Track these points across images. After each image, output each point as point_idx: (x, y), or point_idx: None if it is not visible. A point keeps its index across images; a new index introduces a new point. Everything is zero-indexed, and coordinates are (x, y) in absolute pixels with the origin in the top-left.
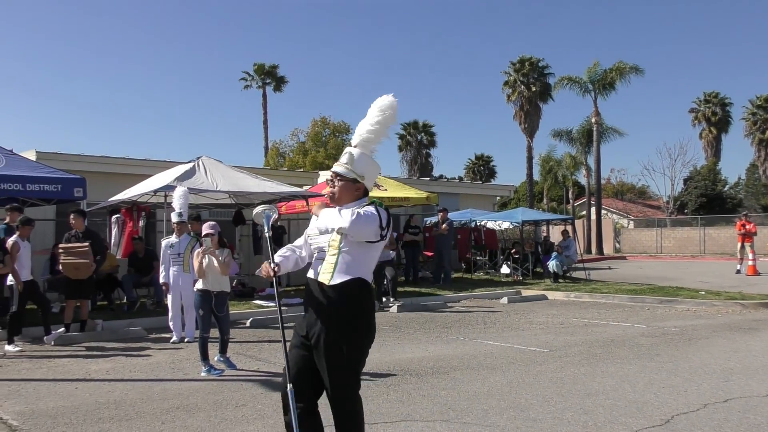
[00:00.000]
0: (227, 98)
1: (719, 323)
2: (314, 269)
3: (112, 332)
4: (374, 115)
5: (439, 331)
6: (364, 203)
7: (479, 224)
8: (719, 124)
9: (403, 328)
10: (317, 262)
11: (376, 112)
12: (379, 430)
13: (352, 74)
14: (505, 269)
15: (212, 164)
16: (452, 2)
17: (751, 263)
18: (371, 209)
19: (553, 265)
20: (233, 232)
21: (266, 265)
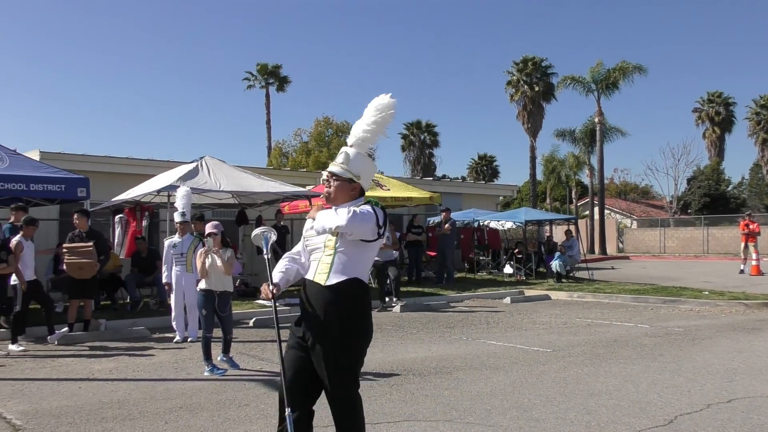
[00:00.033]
0: (230, 98)
1: (723, 323)
2: (310, 270)
3: (115, 332)
4: (371, 114)
5: (442, 331)
6: (360, 203)
7: (482, 224)
8: (723, 123)
9: (406, 328)
10: (313, 262)
11: (372, 111)
12: (382, 429)
13: (355, 74)
14: (508, 269)
15: (215, 164)
16: (455, 2)
17: (754, 263)
18: (368, 208)
19: (556, 265)
20: (236, 231)
21: (265, 287)
